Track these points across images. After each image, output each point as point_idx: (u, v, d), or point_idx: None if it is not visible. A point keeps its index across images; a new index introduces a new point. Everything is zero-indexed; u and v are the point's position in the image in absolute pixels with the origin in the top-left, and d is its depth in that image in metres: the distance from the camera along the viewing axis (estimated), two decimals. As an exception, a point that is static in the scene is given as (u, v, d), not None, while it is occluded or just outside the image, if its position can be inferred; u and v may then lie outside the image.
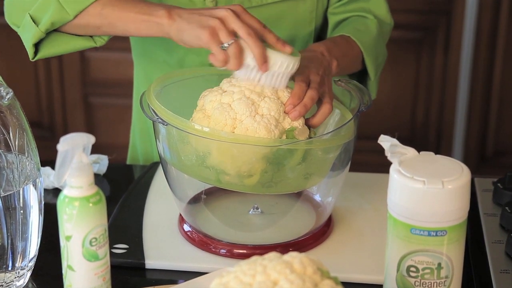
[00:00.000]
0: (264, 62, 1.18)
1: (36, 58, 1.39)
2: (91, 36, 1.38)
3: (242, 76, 1.21)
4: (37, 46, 1.38)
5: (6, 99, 1.10)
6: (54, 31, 1.37)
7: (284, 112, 1.19)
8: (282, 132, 1.18)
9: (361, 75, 1.52)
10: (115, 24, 1.31)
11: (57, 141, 0.96)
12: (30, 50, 1.38)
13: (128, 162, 1.73)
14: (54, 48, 1.38)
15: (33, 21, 1.35)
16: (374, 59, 1.47)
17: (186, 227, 1.29)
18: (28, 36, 1.37)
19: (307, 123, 1.23)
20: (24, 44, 1.39)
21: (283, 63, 1.19)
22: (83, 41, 1.38)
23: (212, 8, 1.23)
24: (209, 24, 1.19)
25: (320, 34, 1.58)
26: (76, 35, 1.38)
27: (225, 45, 1.18)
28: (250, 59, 1.19)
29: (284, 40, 1.22)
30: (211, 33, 1.18)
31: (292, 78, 1.24)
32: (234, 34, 1.19)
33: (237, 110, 1.17)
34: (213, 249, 1.24)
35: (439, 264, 1.00)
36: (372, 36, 1.48)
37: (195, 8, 1.26)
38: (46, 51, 1.38)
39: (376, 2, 1.53)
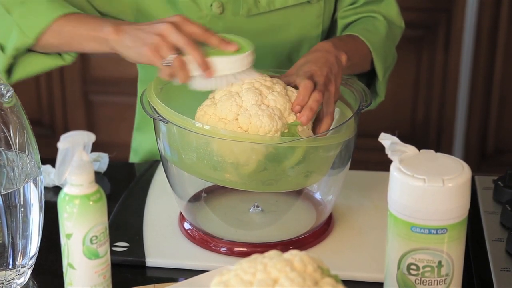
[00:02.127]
0: (206, 69, 1.20)
1: (12, 81, 1.41)
2: (60, 54, 1.41)
3: (199, 87, 1.23)
4: (11, 68, 1.40)
5: (7, 97, 1.10)
6: (24, 53, 1.39)
7: (292, 110, 1.19)
8: (284, 124, 1.18)
9: (369, 77, 1.52)
10: (71, 42, 1.34)
11: (57, 139, 0.97)
12: (3, 75, 1.40)
13: (130, 159, 1.73)
14: (26, 70, 1.41)
15: (1, 49, 1.37)
16: (383, 59, 1.47)
17: (187, 225, 1.29)
18: None
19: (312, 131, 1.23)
20: None
21: (226, 65, 1.21)
22: (53, 60, 1.42)
23: (153, 23, 1.24)
24: (150, 42, 1.22)
25: (328, 37, 1.58)
26: (45, 53, 1.40)
27: (168, 60, 1.20)
28: (194, 68, 1.20)
29: (227, 40, 1.23)
30: (152, 50, 1.21)
31: (290, 83, 1.24)
32: (175, 48, 1.21)
33: (244, 98, 1.18)
34: (214, 247, 1.24)
35: (440, 262, 1.00)
36: (381, 36, 1.48)
37: (140, 24, 1.27)
38: (19, 74, 1.41)
39: (387, 4, 1.53)
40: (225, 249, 1.24)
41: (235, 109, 1.18)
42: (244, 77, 1.22)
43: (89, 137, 0.98)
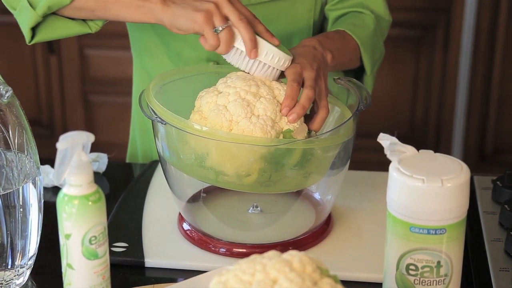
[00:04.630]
0: (253, 48, 1.20)
1: (33, 42, 1.40)
2: (85, 21, 1.39)
3: (231, 61, 1.24)
4: (34, 30, 1.39)
5: (6, 97, 1.10)
6: (51, 15, 1.37)
7: (281, 112, 1.19)
8: (278, 133, 1.18)
9: (357, 71, 1.52)
10: (109, 7, 1.31)
11: (56, 139, 0.96)
12: (27, 34, 1.38)
13: (127, 159, 1.73)
14: (51, 32, 1.39)
15: (30, 5, 1.35)
16: (371, 54, 1.47)
17: (186, 226, 1.29)
18: (25, 19, 1.37)
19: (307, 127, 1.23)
20: (21, 27, 1.39)
21: (271, 54, 1.22)
22: (79, 26, 1.39)
23: None
24: (204, 8, 1.22)
25: (321, 30, 1.58)
26: (71, 19, 1.38)
27: (219, 28, 1.21)
28: (240, 43, 1.21)
29: (271, 33, 1.24)
30: (206, 16, 1.21)
31: (283, 75, 1.24)
32: (227, 20, 1.22)
33: (233, 112, 1.17)
34: (213, 248, 1.24)
35: (439, 262, 1.00)
36: (369, 31, 1.48)
37: None
38: (43, 35, 1.39)
39: None
40: (224, 249, 1.24)
41: (226, 124, 1.17)
42: (275, 76, 1.23)
43: (88, 138, 0.98)
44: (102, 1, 1.31)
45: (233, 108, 1.17)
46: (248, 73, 1.24)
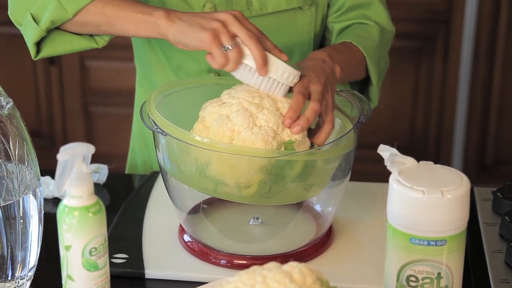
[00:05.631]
0: (264, 65, 1.20)
1: (38, 57, 1.40)
2: (92, 37, 1.39)
3: (240, 78, 1.23)
4: (39, 45, 1.39)
5: (6, 109, 1.10)
6: (56, 30, 1.37)
7: (283, 124, 1.19)
8: (280, 144, 1.18)
9: (363, 82, 1.52)
10: (114, 22, 1.31)
11: (56, 151, 0.97)
12: (32, 49, 1.39)
13: (127, 170, 1.73)
14: (56, 47, 1.39)
15: (34, 20, 1.35)
16: (377, 64, 1.47)
17: (186, 237, 1.29)
18: (29, 34, 1.37)
19: (311, 141, 1.23)
20: (27, 42, 1.39)
21: (281, 70, 1.21)
22: (85, 41, 1.39)
23: (213, 12, 1.24)
24: (211, 27, 1.21)
25: (323, 41, 1.58)
26: (78, 34, 1.38)
27: (227, 47, 1.20)
28: (250, 60, 1.20)
29: (280, 48, 1.23)
30: (213, 35, 1.20)
31: (291, 89, 1.24)
32: (235, 38, 1.21)
33: (235, 122, 1.17)
34: (213, 260, 1.24)
35: (439, 274, 1.00)
36: (374, 42, 1.48)
37: (194, 12, 1.27)
38: (48, 50, 1.39)
39: (375, 9, 1.54)
40: (225, 261, 1.24)
41: (228, 133, 1.17)
42: (283, 92, 1.22)
43: (89, 149, 0.98)
44: (106, 16, 1.31)
45: (236, 118, 1.17)
46: (257, 89, 1.23)
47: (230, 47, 1.20)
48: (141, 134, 1.66)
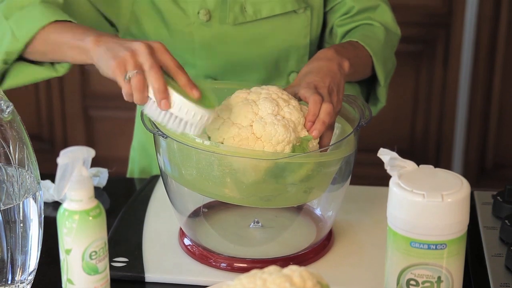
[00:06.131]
0: (163, 98, 1.14)
1: (2, 88, 1.39)
2: (53, 65, 1.39)
3: (151, 115, 1.17)
4: (4, 76, 1.39)
5: (7, 113, 1.10)
6: (19, 61, 1.37)
7: (304, 126, 1.20)
8: (297, 137, 1.18)
9: (370, 82, 1.52)
10: (55, 50, 1.32)
11: (57, 154, 0.97)
12: None
13: (128, 175, 1.73)
14: (18, 78, 1.39)
15: None
16: (383, 64, 1.47)
17: (187, 241, 1.29)
18: None
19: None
20: None
21: (185, 108, 1.14)
22: (45, 71, 1.39)
23: (132, 40, 1.20)
24: (120, 55, 1.17)
25: (320, 46, 1.58)
26: (39, 63, 1.38)
27: (128, 75, 1.15)
28: (151, 93, 1.15)
29: (194, 84, 1.17)
30: (119, 64, 1.16)
31: (299, 99, 1.24)
32: (141, 68, 1.16)
33: (261, 106, 1.18)
34: (214, 263, 1.24)
35: (439, 278, 1.00)
36: (380, 42, 1.49)
37: (122, 39, 1.24)
38: (11, 82, 1.39)
39: (381, 12, 1.54)
40: (225, 264, 1.24)
41: (251, 115, 1.18)
42: (196, 131, 1.15)
43: (89, 153, 0.98)
44: (50, 44, 1.32)
45: (262, 103, 1.19)
46: (164, 127, 1.17)
47: (129, 76, 1.15)
48: (140, 143, 1.67)
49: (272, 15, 1.47)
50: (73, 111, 3.13)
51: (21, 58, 1.37)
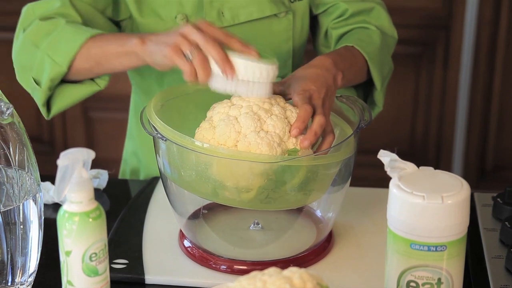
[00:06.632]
0: (227, 67, 1.18)
1: (50, 116, 1.44)
2: (93, 80, 1.42)
3: (219, 88, 1.21)
4: (49, 103, 1.42)
5: (7, 115, 1.10)
6: (60, 85, 1.40)
7: (289, 133, 1.19)
8: (284, 151, 1.18)
9: (367, 86, 1.52)
10: (101, 62, 1.35)
11: (57, 156, 0.97)
12: (42, 110, 1.43)
13: (120, 176, 1.73)
14: (63, 101, 1.42)
15: (36, 83, 1.40)
16: (380, 69, 1.47)
17: (187, 243, 1.29)
18: (37, 97, 1.42)
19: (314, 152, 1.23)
20: (38, 105, 1.43)
21: (251, 69, 1.18)
22: (88, 87, 1.42)
23: (178, 28, 1.24)
24: (172, 41, 1.21)
25: (317, 47, 1.58)
26: (80, 82, 1.41)
27: (189, 55, 1.19)
28: (215, 66, 1.19)
29: (249, 45, 1.22)
30: (174, 49, 1.21)
31: (287, 98, 1.24)
32: (197, 46, 1.20)
33: (243, 124, 1.17)
34: (213, 265, 1.24)
35: (439, 279, 1.00)
36: (376, 46, 1.48)
37: (165, 32, 1.27)
38: (57, 107, 1.43)
39: (377, 14, 1.54)
40: (225, 267, 1.24)
41: (234, 135, 1.17)
42: (265, 91, 1.20)
43: (89, 154, 0.98)
44: (94, 58, 1.35)
45: (244, 120, 1.18)
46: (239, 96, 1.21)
47: (190, 55, 1.19)
48: (133, 147, 1.67)
49: (251, 20, 1.47)
50: (73, 113, 3.13)
51: (62, 81, 1.40)
